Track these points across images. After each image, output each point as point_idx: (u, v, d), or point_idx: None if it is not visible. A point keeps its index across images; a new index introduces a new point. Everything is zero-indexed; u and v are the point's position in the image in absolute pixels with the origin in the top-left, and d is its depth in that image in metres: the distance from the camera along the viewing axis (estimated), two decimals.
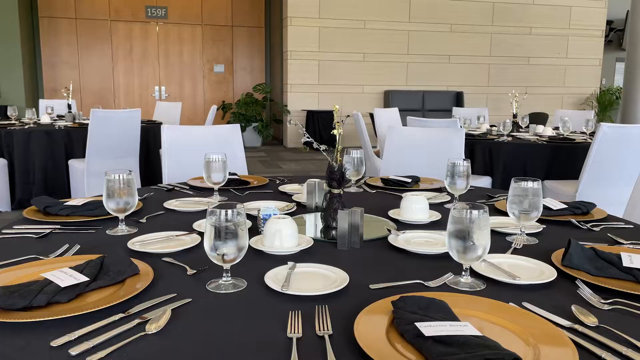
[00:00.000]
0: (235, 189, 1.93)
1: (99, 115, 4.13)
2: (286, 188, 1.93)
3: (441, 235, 1.34)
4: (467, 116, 5.31)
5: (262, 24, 10.75)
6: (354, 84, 9.78)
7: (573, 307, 0.91)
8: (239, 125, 2.70)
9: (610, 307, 0.94)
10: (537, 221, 1.46)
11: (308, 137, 1.47)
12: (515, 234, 1.37)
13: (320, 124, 9.03)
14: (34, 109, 5.10)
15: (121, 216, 1.37)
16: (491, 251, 1.22)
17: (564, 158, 3.78)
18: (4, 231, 1.34)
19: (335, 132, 1.44)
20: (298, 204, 1.70)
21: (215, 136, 2.63)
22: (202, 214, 1.55)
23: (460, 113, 6.01)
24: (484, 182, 3.81)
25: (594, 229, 1.47)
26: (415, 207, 1.51)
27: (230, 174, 2.08)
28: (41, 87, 10.03)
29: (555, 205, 1.63)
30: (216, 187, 1.79)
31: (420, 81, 10.15)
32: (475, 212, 1.00)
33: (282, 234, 1.20)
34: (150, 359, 0.74)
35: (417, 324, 0.80)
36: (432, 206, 1.71)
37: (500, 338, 0.82)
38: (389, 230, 1.35)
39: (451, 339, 0.77)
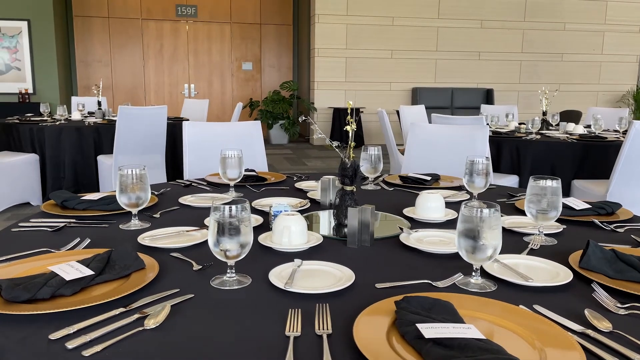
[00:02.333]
0: (251, 185, 1.93)
1: (126, 112, 4.20)
2: (302, 185, 1.92)
3: (455, 235, 1.30)
4: (496, 114, 5.20)
5: (290, 21, 10.77)
6: (381, 81, 9.70)
7: (586, 312, 0.87)
8: (259, 122, 2.70)
9: (627, 312, 0.89)
10: (558, 221, 1.42)
11: (321, 134, 1.46)
12: (533, 234, 1.32)
13: (346, 121, 8.99)
14: (65, 106, 5.22)
15: (134, 211, 1.38)
16: (507, 251, 1.19)
17: (594, 157, 3.66)
18: (20, 224, 1.36)
19: (348, 128, 1.42)
20: (313, 201, 1.69)
21: (236, 133, 2.64)
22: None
23: (488, 110, 5.90)
24: (511, 181, 3.73)
25: (618, 230, 1.41)
26: (430, 205, 1.47)
27: (248, 170, 2.08)
28: (75, 85, 10.28)
29: (579, 205, 1.58)
30: (232, 183, 1.79)
31: (449, 78, 10.00)
32: (485, 210, 0.97)
33: (291, 230, 1.19)
34: (145, 354, 0.74)
35: (418, 325, 0.78)
36: (450, 205, 1.67)
37: (506, 341, 0.79)
38: (401, 229, 1.32)
39: (452, 341, 0.74)
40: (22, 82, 9.43)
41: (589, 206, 1.57)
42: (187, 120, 5.58)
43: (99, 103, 5.43)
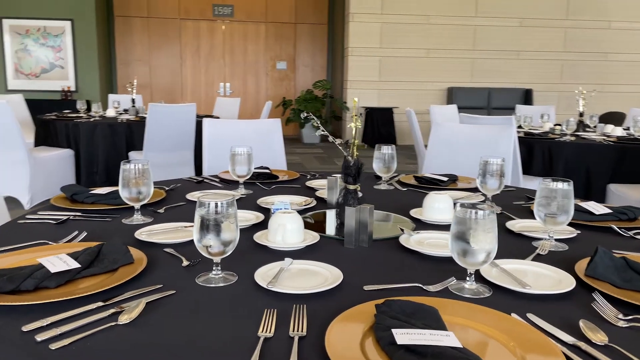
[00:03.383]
0: (262, 183, 1.92)
1: (156, 110, 4.28)
2: (313, 183, 1.90)
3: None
4: (531, 114, 5.04)
5: (325, 20, 10.76)
6: (415, 80, 9.57)
7: (581, 322, 0.82)
8: (279, 120, 2.69)
9: (628, 324, 0.83)
10: (573, 226, 1.35)
11: (323, 131, 1.43)
12: (543, 239, 1.26)
13: (379, 121, 8.93)
14: (99, 103, 5.36)
15: (136, 205, 1.38)
16: (512, 256, 1.14)
17: (632, 160, 3.49)
18: (27, 216, 1.39)
19: (352, 125, 1.39)
20: (321, 199, 1.66)
21: (255, 130, 2.63)
22: None
23: (523, 111, 5.73)
24: None
25: (638, 237, 1.32)
26: (437, 206, 1.42)
27: (262, 168, 2.07)
28: (115, 83, 10.57)
29: (599, 209, 1.49)
30: (241, 180, 1.78)
31: (486, 78, 9.78)
32: (480, 212, 0.92)
33: (286, 228, 1.16)
34: (112, 349, 0.73)
35: (393, 331, 0.74)
36: None
37: (488, 350, 0.74)
38: (402, 230, 1.28)
39: (426, 349, 0.70)
40: (65, 80, 9.76)
41: (610, 211, 1.49)
42: (218, 118, 5.64)
43: (133, 100, 5.55)
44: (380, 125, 8.96)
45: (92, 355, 0.72)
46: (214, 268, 0.99)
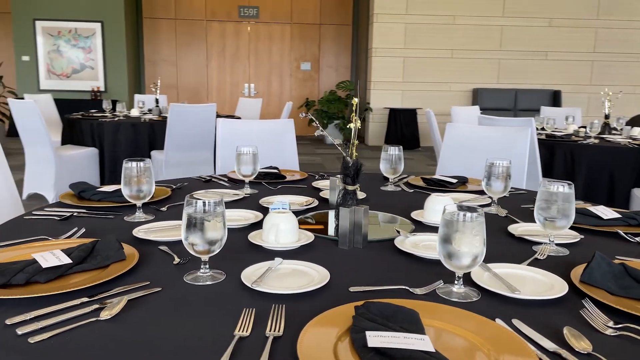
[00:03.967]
0: (269, 183, 1.92)
1: (177, 110, 4.34)
2: (319, 184, 1.90)
3: None
4: (555, 116, 4.94)
5: (350, 21, 10.74)
6: (440, 81, 9.47)
7: (565, 329, 0.79)
8: (292, 120, 2.70)
9: (616, 333, 0.80)
10: (579, 231, 1.32)
11: (322, 131, 1.42)
12: (543, 244, 1.23)
13: (402, 122, 8.86)
14: (124, 103, 5.47)
15: (138, 203, 1.40)
16: (510, 260, 1.11)
17: None
18: (34, 212, 1.42)
19: (351, 125, 1.38)
20: (325, 200, 1.66)
21: (268, 130, 2.64)
22: None
23: (548, 113, 5.61)
24: None
25: None
26: (438, 208, 1.40)
27: (271, 167, 2.08)
28: (143, 83, 10.76)
29: (608, 214, 1.45)
30: (247, 180, 1.79)
31: (513, 79, 9.62)
32: (467, 215, 0.91)
33: (279, 228, 1.16)
34: (89, 344, 0.74)
35: (367, 333, 0.74)
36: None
37: (462, 355, 0.73)
38: (398, 232, 1.27)
39: (397, 352, 0.69)
40: (94, 80, 9.99)
41: (619, 216, 1.44)
42: (239, 118, 5.69)
43: (157, 101, 5.64)
44: (403, 126, 8.90)
45: (69, 350, 0.73)
46: (201, 266, 1.00)
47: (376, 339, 0.72)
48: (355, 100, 1.42)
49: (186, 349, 0.74)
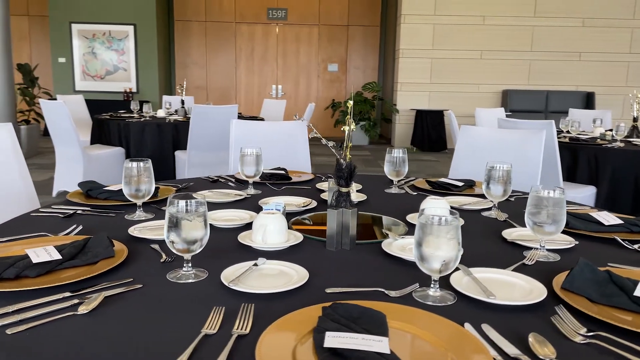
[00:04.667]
0: (273, 183, 1.95)
1: (199, 111, 4.42)
2: (323, 185, 1.91)
3: None
4: (581, 118, 4.82)
5: (378, 22, 10.71)
6: (469, 82, 9.35)
7: (530, 336, 0.79)
8: (305, 121, 2.71)
9: (585, 341, 0.79)
10: (576, 236, 1.30)
11: (316, 133, 1.43)
12: (533, 249, 1.21)
13: (429, 123, 8.78)
14: (150, 104, 5.61)
15: (138, 202, 1.45)
16: (499, 265, 1.10)
17: None
18: (41, 209, 1.48)
19: (345, 128, 1.39)
20: (325, 201, 1.67)
21: (281, 132, 2.67)
22: (222, 206, 1.59)
23: (577, 115, 5.47)
24: (587, 192, 3.43)
25: None
26: (433, 211, 1.39)
27: (278, 168, 2.11)
28: (173, 85, 10.98)
29: (610, 220, 1.42)
30: (250, 181, 1.82)
31: (545, 80, 9.41)
32: (440, 219, 0.91)
33: (266, 229, 1.18)
34: (62, 336, 0.78)
35: (327, 333, 0.75)
36: (468, 212, 1.58)
37: (418, 358, 0.73)
38: (387, 235, 1.27)
39: (351, 353, 0.70)
40: (127, 82, 10.25)
41: (621, 222, 1.41)
42: (262, 119, 5.75)
43: (182, 102, 5.75)
44: (430, 128, 8.82)
45: (42, 341, 0.76)
46: (184, 265, 1.03)
47: (333, 339, 0.73)
48: (350, 103, 1.43)
49: (152, 344, 0.77)
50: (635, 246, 1.27)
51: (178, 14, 10.74)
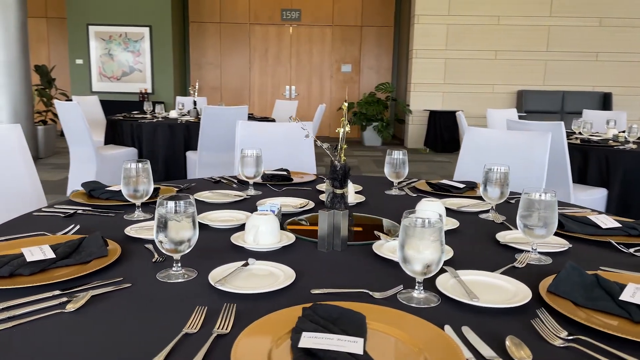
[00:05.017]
0: (275, 185, 1.96)
1: (210, 112, 4.46)
2: (323, 186, 1.91)
3: None
4: (600, 119, 4.76)
5: (392, 23, 10.69)
6: (483, 83, 9.28)
7: (508, 338, 0.79)
8: (311, 122, 2.73)
9: (564, 344, 0.79)
10: (571, 239, 1.29)
11: (307, 136, 1.44)
12: (524, 252, 1.21)
13: (442, 124, 8.73)
14: (162, 105, 5.66)
15: (137, 202, 1.47)
16: (489, 268, 1.10)
17: None
18: (44, 209, 1.52)
19: (339, 129, 1.39)
20: (323, 202, 1.68)
21: (286, 133, 2.69)
22: (219, 206, 1.61)
23: (591, 116, 5.40)
24: (598, 194, 3.39)
25: (638, 254, 1.23)
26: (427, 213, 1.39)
27: (281, 169, 2.12)
28: (188, 86, 11.07)
29: (608, 223, 1.40)
30: (250, 182, 1.84)
31: (561, 81, 9.29)
32: (423, 221, 0.91)
33: (258, 230, 1.20)
34: (47, 333, 0.80)
35: (303, 334, 0.76)
36: (465, 214, 1.58)
37: (394, 358, 0.74)
38: (378, 237, 1.27)
39: (325, 353, 0.71)
40: (142, 83, 10.37)
41: (619, 225, 1.39)
42: (274, 120, 5.78)
43: (194, 103, 5.80)
44: (443, 129, 8.77)
45: (28, 337, 0.79)
46: (174, 265, 1.04)
47: (309, 339, 0.74)
48: (345, 105, 1.43)
49: (133, 343, 0.78)
50: (631, 250, 1.25)
51: (193, 16, 10.83)
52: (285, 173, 2.08)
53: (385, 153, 1.92)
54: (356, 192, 1.85)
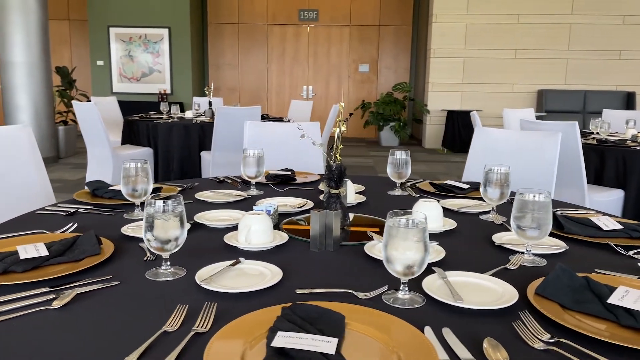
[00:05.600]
0: (277, 184, 1.97)
1: (223, 112, 4.50)
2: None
3: (431, 247, 1.22)
4: (621, 119, 4.66)
5: (410, 22, 10.62)
6: (502, 82, 9.15)
7: (486, 340, 0.78)
8: (318, 123, 2.73)
9: (545, 347, 0.78)
10: (570, 241, 1.27)
11: (303, 136, 1.44)
12: (520, 252, 1.19)
13: (460, 124, 8.64)
14: (178, 105, 5.72)
15: (136, 201, 1.49)
16: (482, 269, 1.09)
17: None
18: (47, 207, 1.55)
19: (335, 129, 1.39)
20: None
21: (294, 133, 2.69)
22: (219, 206, 1.62)
23: (611, 116, 5.29)
24: (614, 195, 3.32)
25: (637, 256, 1.21)
26: (425, 213, 1.38)
27: (285, 169, 2.13)
28: (206, 86, 11.16)
29: (609, 225, 1.38)
30: (252, 181, 1.85)
31: (582, 80, 9.12)
32: (406, 222, 0.91)
33: (250, 229, 1.20)
34: (32, 327, 0.81)
35: (279, 333, 0.76)
36: (465, 215, 1.57)
37: (367, 358, 0.74)
38: (371, 237, 1.27)
39: (297, 353, 0.71)
40: (162, 83, 10.49)
41: (621, 227, 1.36)
42: (289, 120, 5.79)
43: (210, 103, 5.85)
44: (461, 128, 8.68)
45: (12, 332, 0.80)
46: (162, 263, 1.05)
47: (282, 339, 0.74)
48: (342, 105, 1.43)
49: (112, 340, 0.79)
50: (630, 252, 1.23)
51: (211, 17, 10.92)
52: (289, 173, 2.08)
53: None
54: (358, 193, 1.84)
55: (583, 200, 3.13)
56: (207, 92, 6.02)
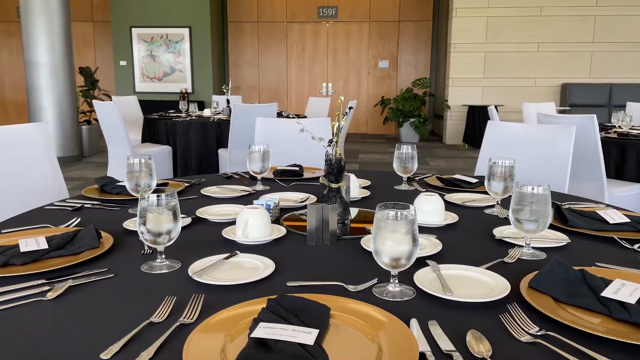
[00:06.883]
0: (284, 180, 1.97)
1: (239, 110, 4.53)
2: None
3: (428, 240, 1.21)
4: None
5: (430, 17, 10.52)
6: (525, 76, 8.99)
7: (469, 332, 0.77)
8: (329, 118, 2.72)
9: (530, 340, 0.76)
10: (573, 234, 1.24)
11: (302, 131, 1.44)
12: (519, 246, 1.17)
13: (481, 119, 8.53)
14: (196, 104, 5.78)
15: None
16: (480, 262, 1.07)
17: None
18: (55, 203, 1.58)
19: (333, 123, 1.39)
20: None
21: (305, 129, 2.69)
22: (224, 201, 1.63)
23: (636, 109, 5.15)
24: (635, 190, 3.24)
25: None
26: (425, 208, 1.37)
27: (294, 165, 2.13)
28: (227, 85, 11.25)
29: (616, 218, 1.34)
30: (258, 177, 1.86)
31: (608, 73, 8.90)
32: (396, 213, 0.90)
33: (248, 223, 1.21)
34: (23, 318, 0.83)
35: (260, 324, 0.76)
36: (469, 209, 1.55)
37: (349, 350, 0.73)
38: (369, 231, 1.26)
39: (275, 343, 0.72)
40: (183, 83, 10.61)
41: (628, 220, 1.33)
42: (305, 117, 5.80)
43: (228, 101, 5.90)
44: (482, 124, 8.55)
45: (4, 319, 0.83)
46: (157, 256, 1.07)
47: (263, 329, 0.74)
48: (341, 99, 1.43)
49: (100, 331, 0.81)
50: (635, 246, 1.19)
51: (231, 16, 10.99)
52: (296, 169, 2.08)
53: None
54: (364, 187, 1.84)
55: (602, 194, 3.05)
56: (224, 91, 6.06)
